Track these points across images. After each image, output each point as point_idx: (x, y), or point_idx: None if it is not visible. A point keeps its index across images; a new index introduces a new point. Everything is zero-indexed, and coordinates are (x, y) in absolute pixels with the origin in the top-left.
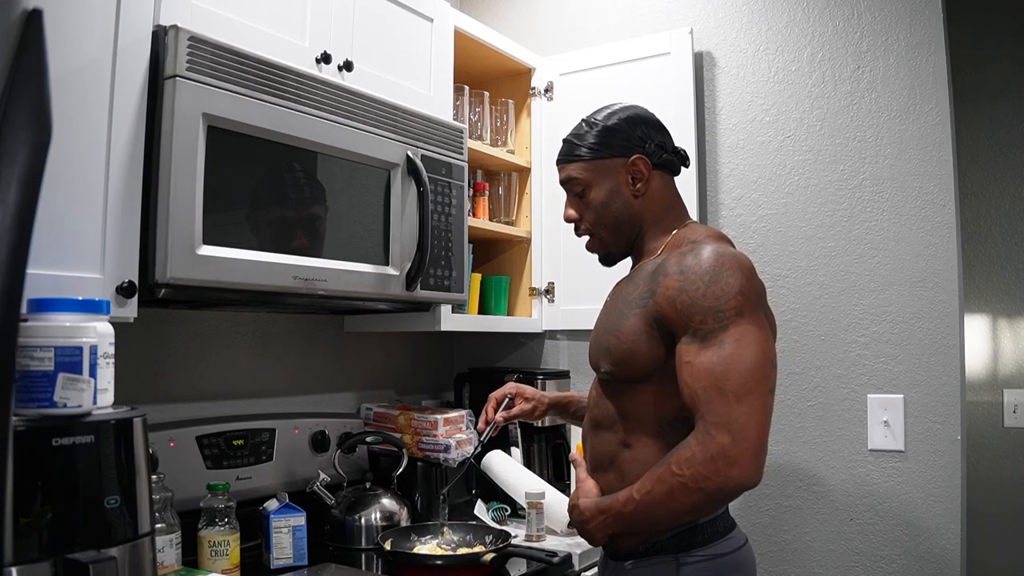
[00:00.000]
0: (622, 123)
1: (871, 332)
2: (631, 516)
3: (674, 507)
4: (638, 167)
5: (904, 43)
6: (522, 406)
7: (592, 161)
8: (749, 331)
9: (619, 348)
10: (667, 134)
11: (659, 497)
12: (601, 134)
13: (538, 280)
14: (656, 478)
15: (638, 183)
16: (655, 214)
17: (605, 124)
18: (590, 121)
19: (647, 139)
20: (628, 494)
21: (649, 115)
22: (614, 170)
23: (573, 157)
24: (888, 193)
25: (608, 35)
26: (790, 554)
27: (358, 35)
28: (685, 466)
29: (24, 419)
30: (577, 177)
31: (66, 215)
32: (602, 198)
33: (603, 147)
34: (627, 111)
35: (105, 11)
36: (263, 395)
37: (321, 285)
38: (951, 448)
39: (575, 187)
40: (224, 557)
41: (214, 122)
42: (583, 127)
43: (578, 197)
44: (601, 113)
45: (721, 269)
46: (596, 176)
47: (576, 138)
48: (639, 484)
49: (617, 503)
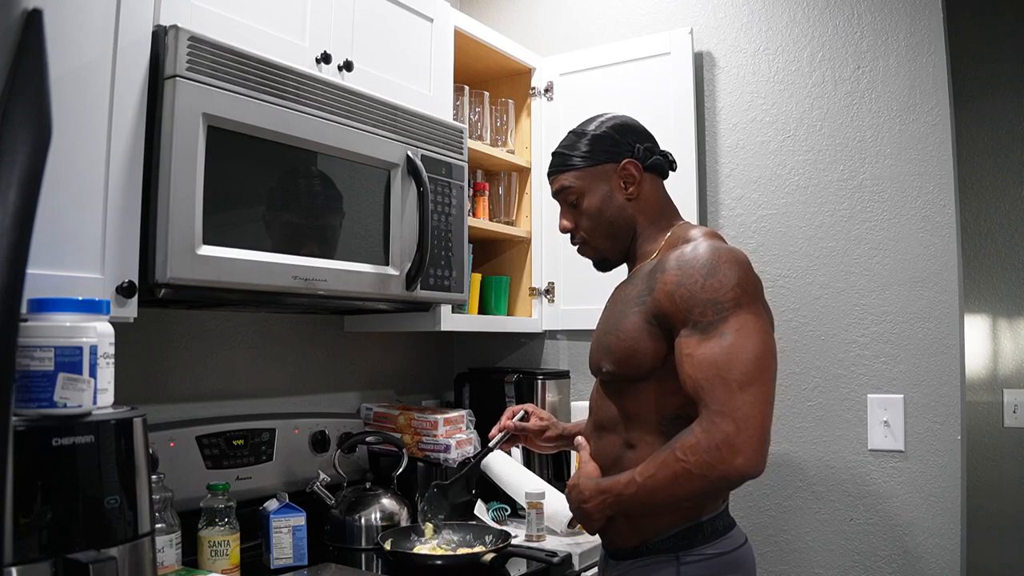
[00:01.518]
0: (610, 131)
1: (871, 332)
2: (631, 498)
3: (676, 492)
4: (629, 170)
5: (904, 43)
6: (537, 422)
7: (584, 169)
8: (749, 321)
9: (620, 347)
10: (654, 140)
11: (662, 481)
12: (591, 142)
13: (538, 280)
14: (660, 462)
15: (630, 186)
16: (649, 216)
17: (594, 133)
18: (578, 132)
19: (635, 144)
20: (630, 476)
21: (635, 123)
22: (606, 176)
23: (564, 167)
24: (888, 193)
25: (608, 35)
26: (790, 554)
27: (358, 35)
28: (690, 453)
29: (24, 419)
30: (570, 186)
31: (66, 215)
32: (596, 204)
33: (593, 154)
34: (614, 119)
35: (105, 11)
36: (263, 395)
37: (321, 285)
38: (951, 448)
39: (569, 196)
40: (224, 557)
41: (214, 122)
42: (571, 138)
43: (572, 206)
44: (589, 124)
45: (718, 263)
46: (589, 183)
47: (566, 149)
48: (642, 467)
49: (618, 484)
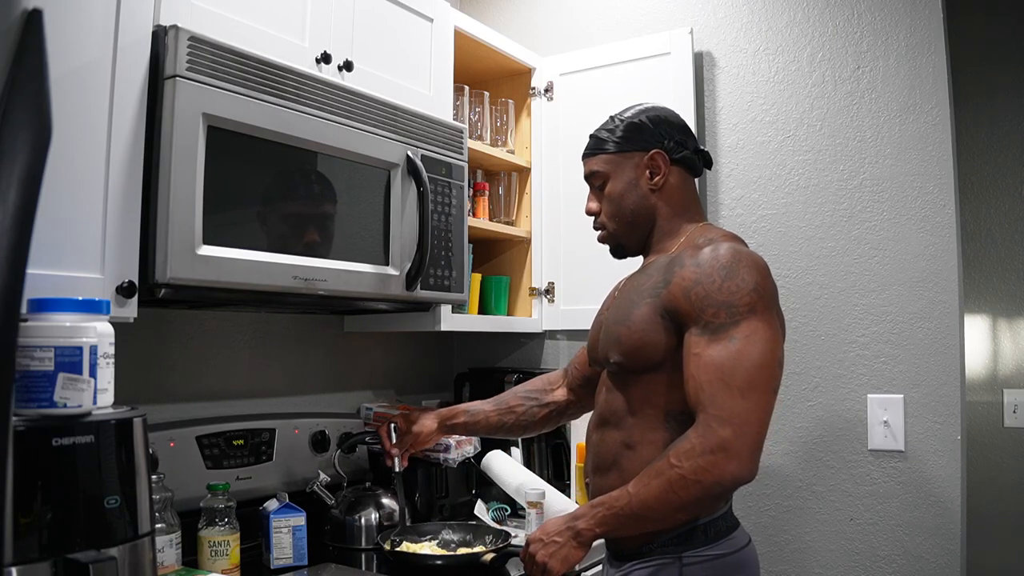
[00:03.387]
0: (646, 120)
1: (871, 332)
2: (624, 510)
3: (670, 501)
4: (656, 161)
5: (904, 43)
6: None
7: (614, 155)
8: (760, 329)
9: (629, 338)
10: (691, 135)
11: (655, 491)
12: (626, 129)
13: (538, 280)
14: (654, 471)
15: (655, 177)
16: (670, 210)
17: (630, 120)
18: (616, 117)
19: (668, 136)
20: (621, 491)
21: (676, 116)
22: (633, 163)
23: (597, 151)
24: (888, 193)
25: (608, 35)
26: (790, 554)
27: (358, 35)
28: (684, 458)
29: (24, 419)
30: (599, 170)
31: (66, 215)
32: (620, 190)
33: (625, 141)
34: (654, 110)
35: (105, 11)
36: (263, 395)
37: (321, 285)
38: (951, 448)
39: (596, 180)
40: (224, 557)
41: (214, 122)
42: (610, 123)
43: (599, 190)
44: (629, 111)
45: (737, 266)
46: (616, 169)
47: (602, 133)
48: (634, 480)
49: (610, 498)
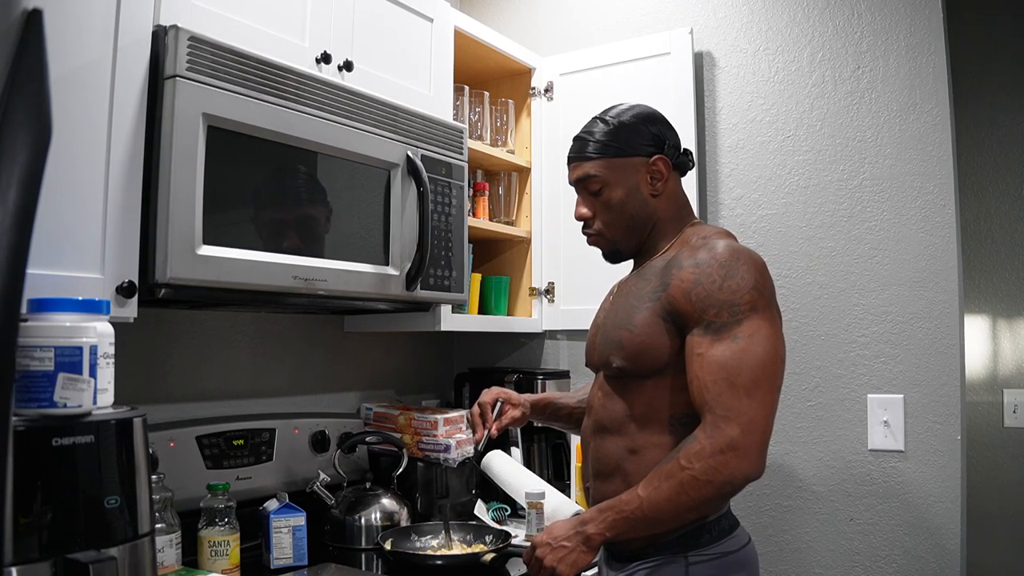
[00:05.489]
0: (638, 121)
1: (871, 332)
2: (634, 513)
3: (682, 502)
4: (659, 167)
5: (904, 43)
6: (512, 413)
7: (612, 159)
8: (762, 327)
9: (632, 342)
10: (677, 133)
11: (667, 492)
12: (619, 132)
13: (538, 280)
14: (664, 474)
15: (658, 183)
16: (668, 213)
17: (621, 121)
18: (604, 118)
19: (664, 138)
20: (631, 494)
21: (660, 114)
22: (633, 169)
23: (589, 155)
24: (888, 193)
25: (608, 35)
26: (790, 554)
27: (358, 35)
28: (695, 459)
29: (24, 419)
30: (595, 175)
31: (66, 215)
32: (620, 196)
33: (622, 145)
34: (641, 109)
35: (105, 11)
36: (263, 395)
37: (321, 285)
38: (951, 448)
39: (591, 185)
40: (224, 557)
41: (214, 122)
42: (598, 124)
43: (593, 195)
44: (614, 111)
45: (736, 264)
46: (615, 174)
47: (591, 135)
48: (643, 482)
49: (620, 502)
